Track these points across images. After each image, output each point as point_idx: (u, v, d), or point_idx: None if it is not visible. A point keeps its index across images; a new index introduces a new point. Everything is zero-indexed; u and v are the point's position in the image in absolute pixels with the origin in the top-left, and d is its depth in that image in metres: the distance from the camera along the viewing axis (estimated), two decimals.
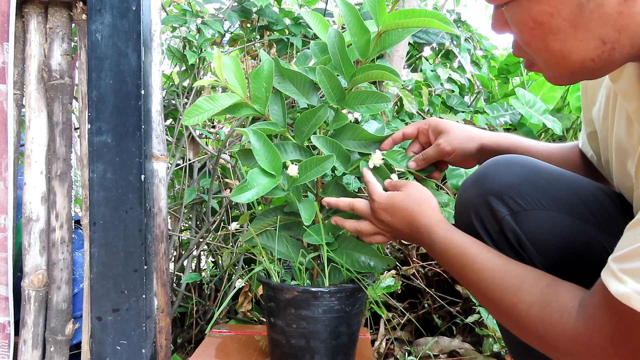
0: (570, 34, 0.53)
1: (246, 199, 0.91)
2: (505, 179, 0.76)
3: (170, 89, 1.50)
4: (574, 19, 0.52)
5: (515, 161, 0.79)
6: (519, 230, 0.73)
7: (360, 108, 0.99)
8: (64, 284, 0.99)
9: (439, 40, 1.85)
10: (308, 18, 1.03)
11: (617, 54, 0.53)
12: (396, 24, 0.89)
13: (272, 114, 1.03)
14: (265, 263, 1.03)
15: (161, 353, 1.00)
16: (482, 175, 0.79)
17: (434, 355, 1.41)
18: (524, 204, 0.74)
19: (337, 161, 0.99)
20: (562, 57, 0.55)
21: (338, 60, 0.97)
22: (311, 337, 0.97)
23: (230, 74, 0.98)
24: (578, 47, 0.53)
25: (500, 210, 0.74)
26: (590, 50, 0.53)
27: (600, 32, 0.52)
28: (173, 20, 1.34)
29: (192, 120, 0.94)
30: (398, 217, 0.85)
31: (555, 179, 0.77)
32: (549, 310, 0.62)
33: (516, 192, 0.74)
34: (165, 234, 1.02)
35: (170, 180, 1.57)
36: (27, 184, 0.98)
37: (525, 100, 1.70)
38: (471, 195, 0.79)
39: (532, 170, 0.77)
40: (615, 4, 0.50)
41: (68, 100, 1.00)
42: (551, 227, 0.73)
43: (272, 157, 0.96)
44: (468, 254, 0.73)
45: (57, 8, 0.99)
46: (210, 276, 1.57)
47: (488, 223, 0.76)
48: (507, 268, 0.69)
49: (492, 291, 0.69)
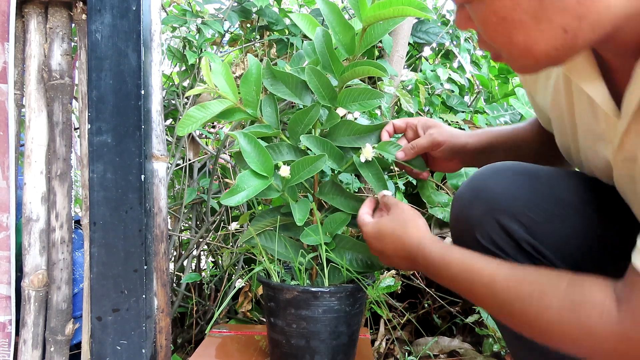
0: (533, 25, 0.54)
1: (236, 201, 0.92)
2: (511, 192, 0.73)
3: (170, 89, 1.50)
4: (535, 11, 0.53)
5: (512, 169, 0.77)
6: (537, 243, 0.71)
7: (353, 106, 0.99)
8: (64, 284, 0.99)
9: (439, 41, 1.85)
10: (297, 20, 1.04)
11: (579, 40, 0.54)
12: (375, 16, 0.90)
13: (265, 116, 1.04)
14: (265, 263, 1.03)
15: (161, 353, 1.00)
16: (483, 189, 0.76)
17: (434, 355, 1.41)
18: (536, 216, 0.72)
19: (329, 160, 0.99)
20: (527, 48, 0.56)
21: (327, 59, 0.98)
22: (311, 337, 0.97)
23: (221, 79, 0.99)
24: (541, 37, 0.54)
25: (514, 228, 0.72)
26: (552, 39, 0.54)
27: (561, 22, 0.53)
28: (173, 20, 1.34)
29: (185, 130, 0.95)
30: (387, 242, 0.83)
31: (554, 181, 0.76)
32: (584, 311, 0.59)
33: (526, 206, 0.72)
34: (165, 234, 1.02)
35: (170, 180, 1.57)
36: (27, 184, 0.98)
37: (525, 100, 1.70)
38: (475, 214, 0.75)
39: (531, 177, 0.76)
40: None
41: (68, 100, 1.00)
42: (568, 232, 0.72)
43: (263, 159, 0.96)
44: (472, 268, 0.70)
45: (57, 8, 0.99)
46: (210, 276, 1.57)
47: (501, 241, 0.73)
48: (520, 275, 0.66)
49: (510, 303, 0.65)
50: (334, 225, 1.02)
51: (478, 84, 1.94)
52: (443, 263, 0.74)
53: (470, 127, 1.76)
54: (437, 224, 1.65)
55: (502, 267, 0.68)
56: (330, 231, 1.03)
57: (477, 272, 0.69)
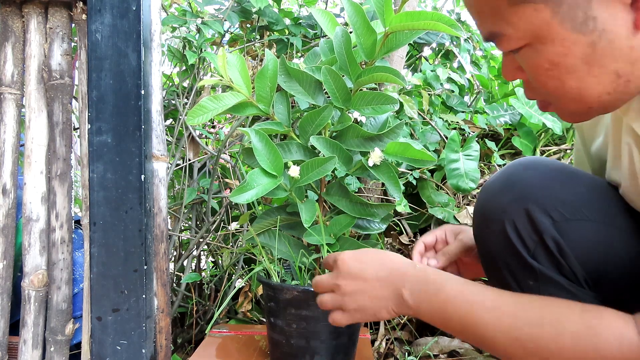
0: (585, 71, 0.54)
1: (245, 199, 0.91)
2: (545, 184, 0.70)
3: (170, 89, 1.50)
4: (587, 57, 0.54)
5: (550, 163, 0.74)
6: (563, 241, 0.68)
7: (366, 109, 0.98)
8: (64, 284, 0.99)
9: (439, 41, 1.85)
10: (317, 16, 1.02)
11: (632, 85, 0.55)
12: (403, 25, 0.89)
13: (277, 114, 1.03)
14: (265, 263, 1.03)
15: (161, 353, 1.00)
16: (516, 180, 0.72)
17: (434, 355, 1.41)
18: (567, 213, 0.69)
19: (338, 162, 0.98)
20: (580, 93, 0.56)
21: (344, 60, 0.96)
22: (311, 337, 0.97)
23: (236, 72, 0.98)
24: (594, 82, 0.55)
25: (542, 220, 0.68)
26: (606, 84, 0.55)
27: (614, 67, 0.54)
28: (173, 20, 1.34)
29: (196, 120, 0.94)
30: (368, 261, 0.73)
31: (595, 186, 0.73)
32: (603, 337, 0.57)
33: (558, 200, 0.69)
34: (165, 234, 1.02)
35: (170, 180, 1.57)
36: (27, 184, 0.98)
37: (525, 100, 1.70)
38: (505, 202, 0.71)
39: (570, 175, 0.73)
40: (625, 39, 0.52)
41: (68, 100, 1.00)
42: (594, 237, 0.69)
43: (273, 158, 0.96)
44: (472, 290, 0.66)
45: (57, 8, 0.99)
46: (210, 276, 1.57)
47: (525, 233, 0.69)
48: (525, 301, 0.63)
49: (519, 328, 0.61)
50: (339, 228, 1.02)
51: (478, 84, 1.94)
52: (438, 280, 0.68)
53: (470, 127, 1.76)
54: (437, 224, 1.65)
55: (505, 294, 0.65)
56: (335, 233, 1.03)
57: (477, 293, 0.65)
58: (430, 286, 0.68)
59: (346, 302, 0.73)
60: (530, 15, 0.54)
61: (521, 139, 1.71)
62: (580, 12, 0.52)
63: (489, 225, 0.73)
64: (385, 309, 0.71)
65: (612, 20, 0.52)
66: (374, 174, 0.99)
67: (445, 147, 1.55)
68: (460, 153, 1.53)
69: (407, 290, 0.69)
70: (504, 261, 0.72)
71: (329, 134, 1.04)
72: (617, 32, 0.52)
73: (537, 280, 0.69)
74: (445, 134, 1.64)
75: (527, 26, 0.54)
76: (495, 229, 0.72)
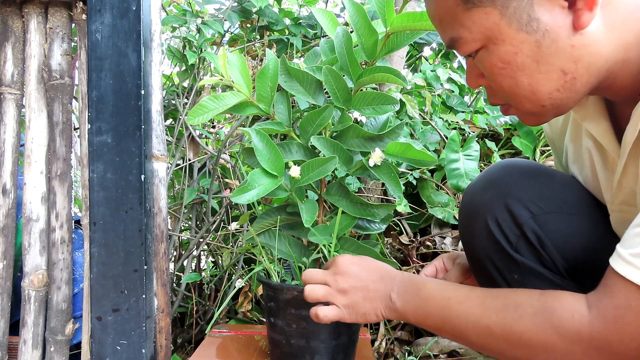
0: (535, 68, 0.59)
1: (247, 199, 0.91)
2: (524, 183, 0.76)
3: (170, 89, 1.50)
4: (535, 55, 0.58)
5: (527, 165, 0.79)
6: (542, 232, 0.73)
7: (366, 110, 0.98)
8: (64, 284, 0.99)
9: (439, 41, 1.84)
10: (318, 15, 1.02)
11: (578, 83, 0.60)
12: (404, 26, 0.89)
13: (277, 114, 1.03)
14: (265, 263, 1.03)
15: (161, 353, 1.00)
16: (497, 179, 0.78)
17: (434, 355, 1.41)
18: (544, 207, 0.74)
19: (339, 162, 0.98)
20: (532, 90, 0.61)
21: (345, 60, 0.96)
22: (311, 337, 0.97)
23: (236, 72, 0.98)
24: (543, 79, 0.60)
25: (521, 213, 0.74)
26: (554, 81, 0.60)
27: (560, 64, 0.59)
28: (173, 20, 1.34)
29: (197, 119, 0.94)
30: (363, 265, 0.79)
31: (569, 184, 0.78)
32: (557, 314, 0.61)
33: (536, 195, 0.74)
34: (165, 234, 1.02)
35: (170, 180, 1.57)
36: (27, 184, 0.98)
37: None
38: (486, 199, 0.77)
39: (547, 174, 0.78)
40: (566, 38, 0.57)
41: (68, 100, 1.00)
42: (570, 229, 0.73)
43: (274, 158, 0.96)
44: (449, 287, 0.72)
45: (57, 8, 0.99)
46: (210, 276, 1.57)
47: (507, 227, 0.75)
48: (494, 292, 0.68)
49: (487, 316, 0.66)
50: (340, 228, 1.02)
51: None
52: (421, 280, 0.75)
53: (470, 127, 1.76)
54: (437, 224, 1.65)
55: (477, 289, 0.71)
56: (336, 233, 1.03)
57: (453, 289, 0.71)
58: (414, 286, 0.74)
59: (338, 297, 0.78)
60: (481, 18, 0.59)
61: (521, 139, 1.71)
62: (525, 14, 0.57)
63: (473, 223, 0.79)
64: (375, 311, 0.77)
65: (553, 21, 0.57)
66: (375, 174, 0.99)
67: (445, 147, 1.55)
68: (461, 153, 1.53)
69: (395, 293, 0.75)
70: (489, 258, 0.77)
71: (329, 134, 1.04)
72: (558, 32, 0.57)
73: (522, 273, 0.74)
74: (445, 134, 1.64)
75: (479, 28, 0.59)
76: (478, 226, 0.77)
